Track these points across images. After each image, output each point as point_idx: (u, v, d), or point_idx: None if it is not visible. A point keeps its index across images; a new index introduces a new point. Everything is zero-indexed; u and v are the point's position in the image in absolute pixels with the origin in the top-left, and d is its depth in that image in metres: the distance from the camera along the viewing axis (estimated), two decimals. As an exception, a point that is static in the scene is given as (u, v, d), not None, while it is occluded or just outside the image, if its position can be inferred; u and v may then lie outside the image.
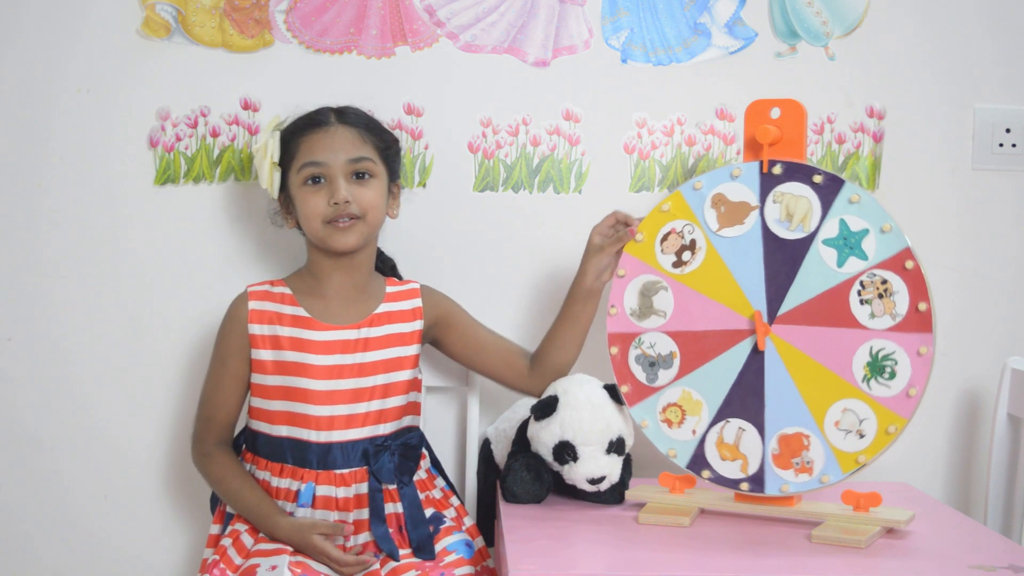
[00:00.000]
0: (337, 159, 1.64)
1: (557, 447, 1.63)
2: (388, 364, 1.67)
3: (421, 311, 1.71)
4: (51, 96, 1.81)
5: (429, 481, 1.70)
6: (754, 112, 1.62)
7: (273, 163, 1.66)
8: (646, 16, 1.87)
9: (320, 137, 1.65)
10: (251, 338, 1.65)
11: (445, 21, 1.85)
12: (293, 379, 1.64)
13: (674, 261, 1.62)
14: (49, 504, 1.85)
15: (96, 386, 1.85)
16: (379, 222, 1.68)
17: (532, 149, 1.87)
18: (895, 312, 1.50)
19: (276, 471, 1.64)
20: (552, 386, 1.68)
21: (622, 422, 1.64)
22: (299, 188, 1.65)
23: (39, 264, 1.83)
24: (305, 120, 1.68)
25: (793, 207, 1.56)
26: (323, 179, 1.64)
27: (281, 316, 1.66)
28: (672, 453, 1.61)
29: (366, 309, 1.68)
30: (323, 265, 1.68)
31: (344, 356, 1.65)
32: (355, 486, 1.62)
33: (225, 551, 1.57)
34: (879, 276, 1.51)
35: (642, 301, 1.63)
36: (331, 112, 1.68)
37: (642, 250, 1.64)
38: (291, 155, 1.66)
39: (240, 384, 1.67)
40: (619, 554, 1.45)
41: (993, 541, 1.55)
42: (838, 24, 1.88)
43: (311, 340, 1.65)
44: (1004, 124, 1.89)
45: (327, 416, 1.63)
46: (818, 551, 1.44)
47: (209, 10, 1.82)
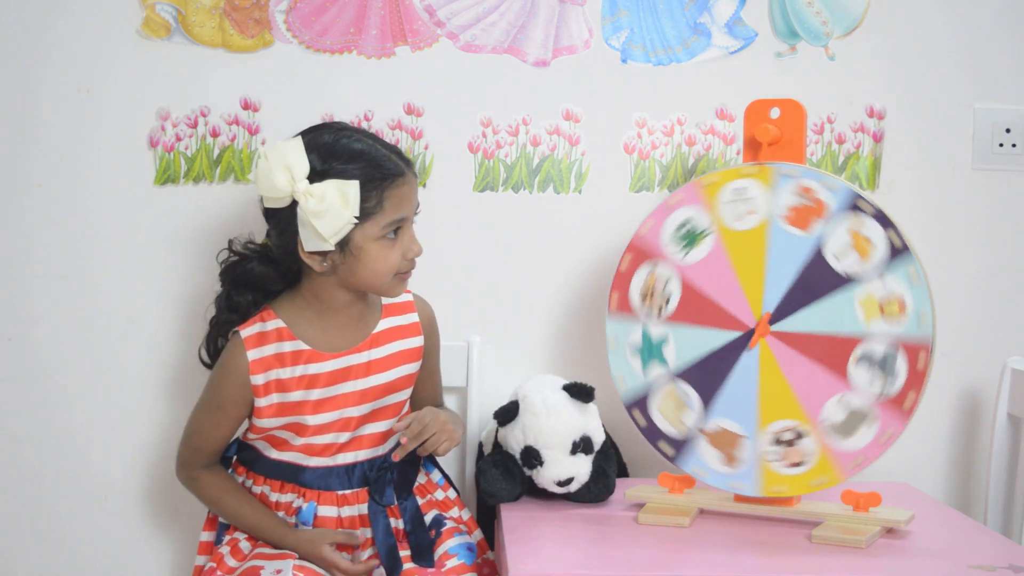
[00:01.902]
0: (413, 211, 1.57)
1: (523, 452, 1.64)
2: (391, 386, 1.61)
3: (419, 326, 1.66)
4: (51, 96, 1.81)
5: (428, 485, 1.68)
6: (754, 112, 1.62)
7: (355, 217, 1.50)
8: (646, 16, 1.87)
9: (406, 191, 1.54)
10: (254, 388, 1.56)
11: (445, 21, 1.85)
12: (298, 417, 1.58)
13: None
14: (47, 505, 1.85)
15: (95, 386, 1.84)
16: None
17: (532, 149, 1.87)
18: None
19: (276, 487, 1.61)
20: (514, 391, 1.70)
21: (585, 421, 1.64)
22: (376, 241, 1.52)
23: (39, 264, 1.83)
24: (380, 170, 1.52)
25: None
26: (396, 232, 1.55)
27: (282, 357, 1.57)
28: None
29: (365, 331, 1.61)
30: (339, 297, 1.58)
31: (347, 384, 1.58)
32: (357, 506, 1.60)
33: (223, 559, 1.56)
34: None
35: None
36: (398, 159, 1.55)
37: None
38: (373, 208, 1.51)
39: (236, 423, 1.60)
40: (619, 554, 1.45)
41: (993, 541, 1.55)
42: (838, 24, 1.88)
43: (315, 374, 1.57)
44: (1004, 124, 1.89)
45: (327, 444, 1.59)
46: (818, 551, 1.44)
47: (209, 10, 1.82)
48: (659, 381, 1.61)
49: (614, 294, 1.64)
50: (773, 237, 1.57)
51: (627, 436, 1.80)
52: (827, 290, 1.54)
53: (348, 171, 1.50)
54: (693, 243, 1.61)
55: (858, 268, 1.52)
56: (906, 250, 1.50)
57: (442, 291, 1.80)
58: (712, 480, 1.58)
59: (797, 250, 1.55)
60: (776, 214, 1.57)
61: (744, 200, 1.59)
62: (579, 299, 1.88)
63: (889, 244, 1.51)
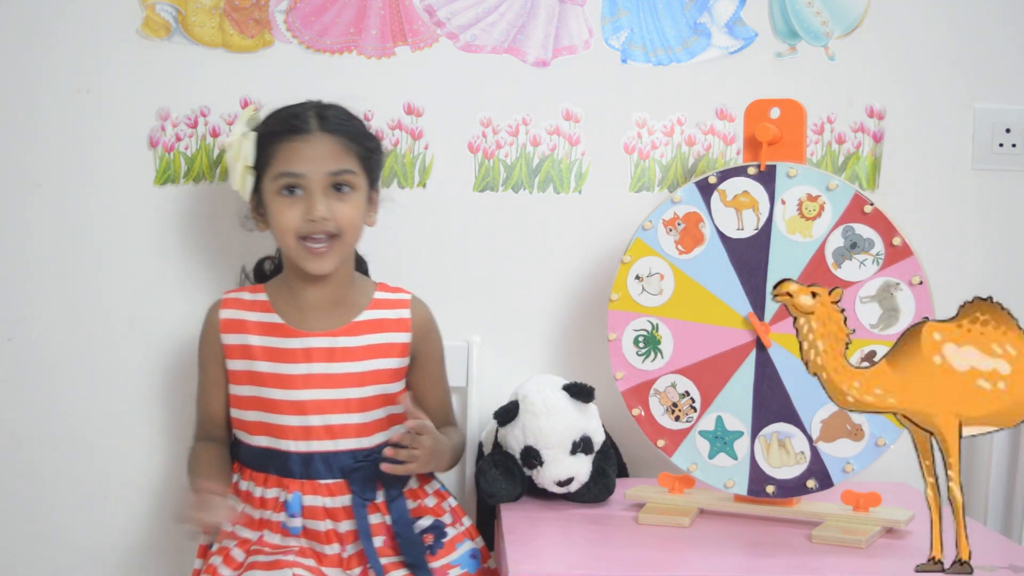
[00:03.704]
0: (317, 171, 1.55)
1: (523, 452, 1.64)
2: (366, 377, 1.61)
3: (409, 323, 1.65)
4: (51, 96, 1.81)
5: (421, 489, 1.66)
6: (754, 112, 1.62)
7: (247, 167, 1.58)
8: (646, 16, 1.87)
9: (299, 146, 1.56)
10: (224, 348, 1.62)
11: (445, 21, 1.85)
12: (265, 390, 1.59)
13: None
14: (48, 505, 1.85)
15: (96, 386, 1.84)
16: (356, 239, 1.62)
17: (532, 149, 1.87)
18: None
19: (260, 481, 1.60)
20: (514, 391, 1.69)
21: (585, 421, 1.64)
22: (273, 197, 1.57)
23: (39, 264, 1.83)
24: (284, 123, 1.59)
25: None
26: (300, 190, 1.56)
27: (252, 324, 1.61)
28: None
29: (346, 317, 1.62)
30: (296, 277, 1.62)
31: (315, 365, 1.59)
32: (341, 497, 1.58)
33: (216, 569, 1.54)
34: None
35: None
36: (313, 116, 1.58)
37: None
38: (266, 160, 1.58)
39: (221, 389, 1.64)
40: (619, 554, 1.45)
41: (993, 541, 1.55)
42: (838, 24, 1.88)
43: (282, 348, 1.60)
44: (1004, 124, 1.89)
45: (302, 427, 1.58)
46: (818, 551, 1.45)
47: (209, 10, 1.82)
48: (752, 451, 1.59)
49: (659, 441, 1.64)
50: (692, 273, 1.61)
51: (627, 436, 1.80)
52: (763, 252, 1.56)
53: (260, 128, 1.61)
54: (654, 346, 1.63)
55: (758, 215, 1.56)
56: (769, 165, 1.55)
57: (442, 291, 1.80)
58: (864, 460, 1.56)
59: (714, 258, 1.59)
60: (675, 257, 1.62)
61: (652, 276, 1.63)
62: (579, 299, 1.88)
63: (754, 178, 1.57)
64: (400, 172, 1.85)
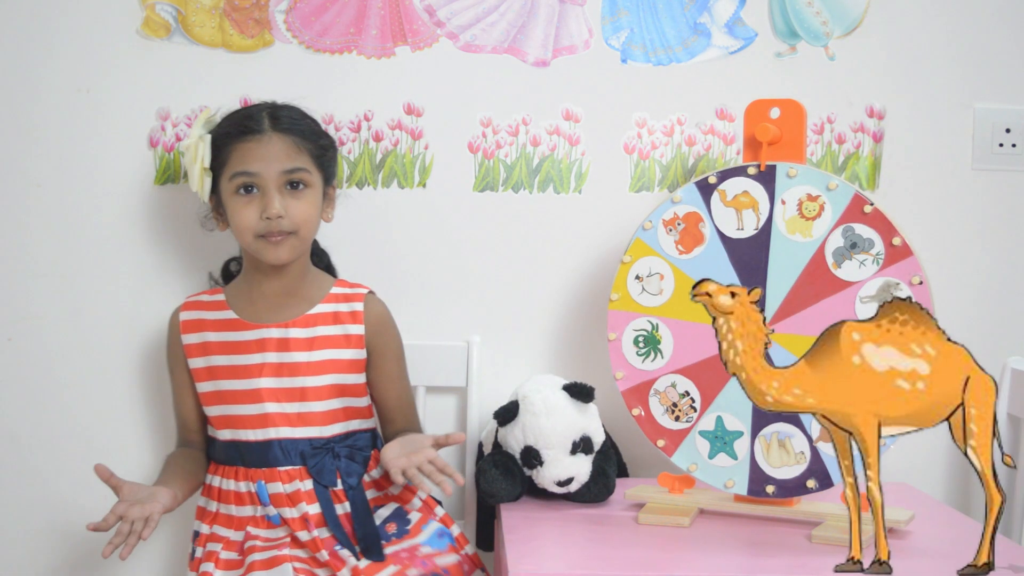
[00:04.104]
0: (270, 170, 1.59)
1: (523, 452, 1.64)
2: (317, 366, 1.63)
3: (362, 316, 1.66)
4: (51, 96, 1.81)
5: (386, 478, 1.66)
6: (754, 112, 1.62)
7: (204, 168, 1.61)
8: (646, 16, 1.87)
9: (252, 146, 1.59)
10: (185, 348, 1.67)
11: (445, 21, 1.85)
12: (223, 382, 1.64)
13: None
14: (48, 505, 1.85)
15: (96, 386, 1.85)
16: (312, 234, 1.65)
17: (532, 149, 1.87)
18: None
19: (232, 474, 1.63)
20: (514, 390, 1.69)
21: (586, 421, 1.64)
22: (231, 196, 1.61)
23: (39, 264, 1.83)
24: (237, 125, 1.62)
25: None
26: (255, 189, 1.59)
27: (210, 323, 1.66)
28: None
29: (298, 310, 1.65)
30: (254, 270, 1.67)
31: (268, 355, 1.63)
32: (299, 483, 1.60)
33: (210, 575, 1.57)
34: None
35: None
36: (265, 116, 1.62)
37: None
38: (222, 161, 1.61)
39: (190, 392, 1.68)
40: (619, 554, 1.45)
41: (993, 541, 1.54)
42: (838, 24, 1.88)
43: (236, 340, 1.64)
44: (1004, 124, 1.89)
45: (259, 415, 1.61)
46: (818, 551, 1.44)
47: (209, 10, 1.82)
48: (752, 451, 1.59)
49: (659, 441, 1.64)
50: (691, 273, 1.60)
51: (627, 436, 1.81)
52: (763, 252, 1.56)
53: (215, 130, 1.64)
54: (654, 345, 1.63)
55: (758, 215, 1.55)
56: (769, 165, 1.55)
57: (442, 291, 1.80)
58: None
59: (714, 258, 1.59)
60: (675, 257, 1.61)
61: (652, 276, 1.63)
62: (579, 299, 1.88)
63: (754, 178, 1.56)
64: (400, 172, 1.85)
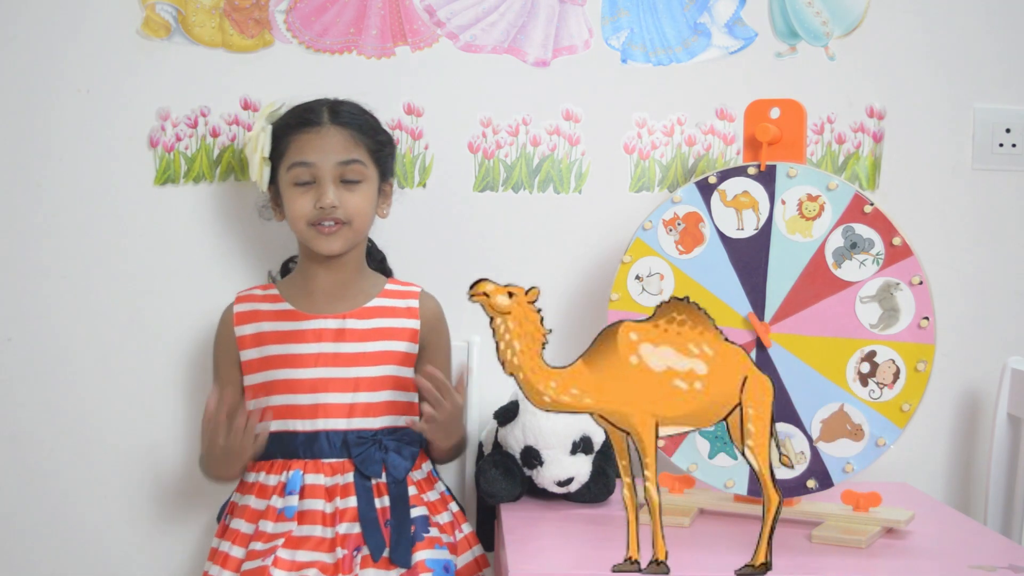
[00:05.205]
0: (327, 161, 1.63)
1: (523, 452, 1.64)
2: (372, 357, 1.65)
3: (417, 311, 1.70)
4: (51, 96, 1.81)
5: (427, 483, 1.67)
6: (754, 112, 1.62)
7: (264, 158, 1.66)
8: (646, 16, 1.87)
9: (311, 137, 1.64)
10: (238, 340, 1.68)
11: (445, 21, 1.85)
12: (278, 371, 1.64)
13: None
14: (48, 505, 1.85)
15: (96, 386, 1.84)
16: (366, 227, 1.68)
17: (532, 149, 1.87)
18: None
19: (267, 468, 1.63)
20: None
21: (585, 421, 1.64)
22: (287, 186, 1.65)
23: (39, 264, 1.83)
24: (298, 117, 1.66)
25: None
26: (312, 180, 1.63)
27: (266, 313, 1.68)
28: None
29: (355, 303, 1.68)
30: (310, 261, 1.69)
31: (325, 344, 1.64)
32: (343, 476, 1.60)
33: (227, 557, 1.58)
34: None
35: None
36: (325, 110, 1.66)
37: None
38: (281, 152, 1.65)
39: (236, 390, 1.65)
40: (619, 554, 1.45)
41: (993, 541, 1.55)
42: (838, 24, 1.88)
43: (294, 330, 1.66)
44: (1004, 124, 1.89)
45: (311, 405, 1.62)
46: (818, 551, 1.44)
47: (209, 10, 1.82)
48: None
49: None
50: (691, 273, 1.60)
51: (627, 436, 1.80)
52: (763, 252, 1.56)
53: (276, 122, 1.68)
54: None
55: (758, 215, 1.55)
56: (769, 165, 1.55)
57: (442, 291, 1.79)
58: (865, 460, 1.55)
59: (714, 258, 1.59)
60: (676, 257, 1.61)
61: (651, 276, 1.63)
62: (579, 299, 1.88)
63: (754, 178, 1.57)
64: (400, 172, 1.85)
